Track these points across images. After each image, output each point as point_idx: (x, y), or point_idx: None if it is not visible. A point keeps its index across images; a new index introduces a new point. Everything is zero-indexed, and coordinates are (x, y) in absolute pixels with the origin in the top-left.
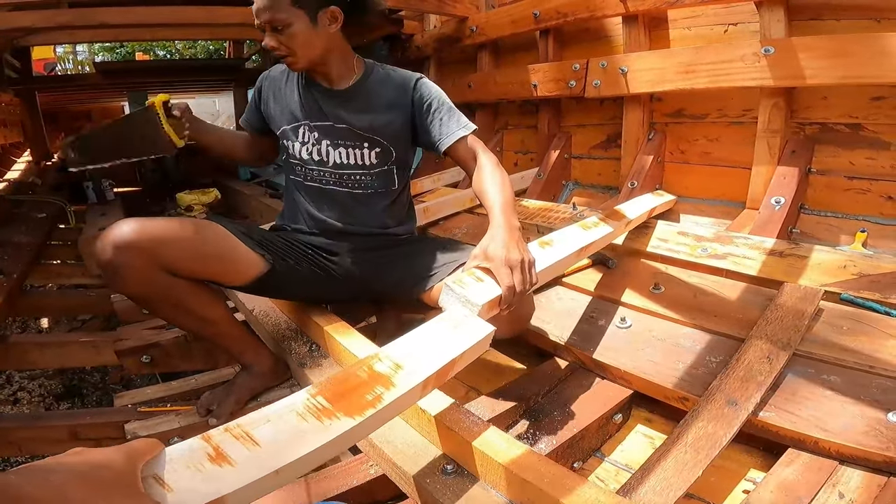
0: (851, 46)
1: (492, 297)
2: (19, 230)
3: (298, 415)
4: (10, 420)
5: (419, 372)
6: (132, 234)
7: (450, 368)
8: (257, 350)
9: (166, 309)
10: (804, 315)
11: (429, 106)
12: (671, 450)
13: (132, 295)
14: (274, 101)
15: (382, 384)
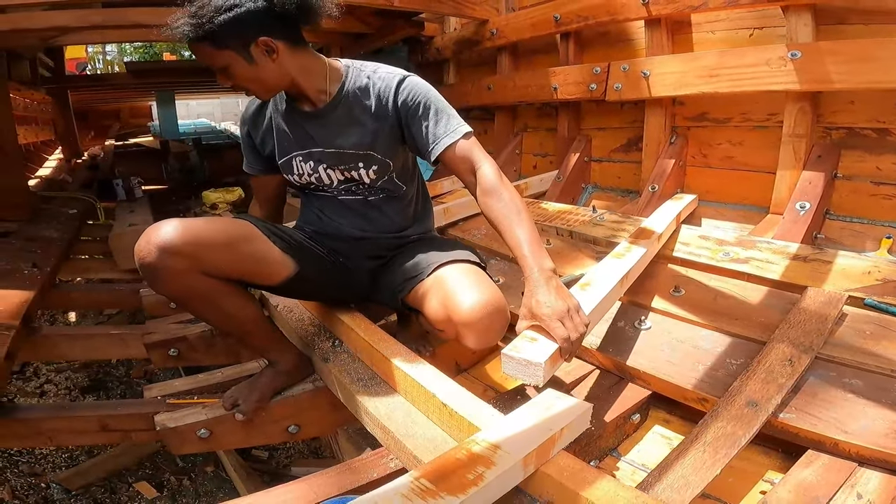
0: (878, 51)
1: (551, 353)
2: (50, 225)
3: (404, 496)
4: (40, 410)
5: (518, 451)
6: (175, 238)
7: (550, 446)
8: (283, 347)
9: (200, 308)
10: (827, 319)
11: (415, 110)
12: (689, 449)
13: (170, 295)
14: (262, 140)
15: (483, 464)
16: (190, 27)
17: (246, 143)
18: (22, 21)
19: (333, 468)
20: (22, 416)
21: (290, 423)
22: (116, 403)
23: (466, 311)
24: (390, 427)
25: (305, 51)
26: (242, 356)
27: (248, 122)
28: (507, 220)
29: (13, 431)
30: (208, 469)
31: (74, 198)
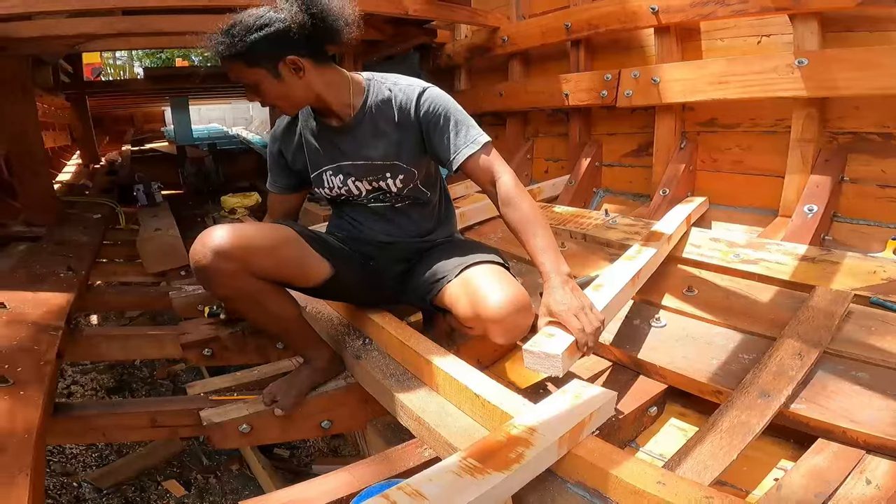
0: (883, 58)
1: (567, 345)
2: (78, 230)
3: (455, 473)
4: (94, 408)
5: (552, 433)
6: (227, 242)
7: (580, 429)
8: (318, 346)
9: (247, 307)
10: (834, 316)
11: (436, 122)
12: (707, 436)
13: (221, 295)
14: (294, 157)
15: (522, 445)
16: (224, 46)
17: (275, 161)
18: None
19: (372, 458)
20: (77, 414)
21: (324, 419)
22: (164, 400)
23: (493, 308)
24: (424, 418)
25: (330, 67)
26: (271, 356)
27: (279, 140)
28: (526, 229)
29: (69, 429)
30: (233, 467)
31: (97, 202)
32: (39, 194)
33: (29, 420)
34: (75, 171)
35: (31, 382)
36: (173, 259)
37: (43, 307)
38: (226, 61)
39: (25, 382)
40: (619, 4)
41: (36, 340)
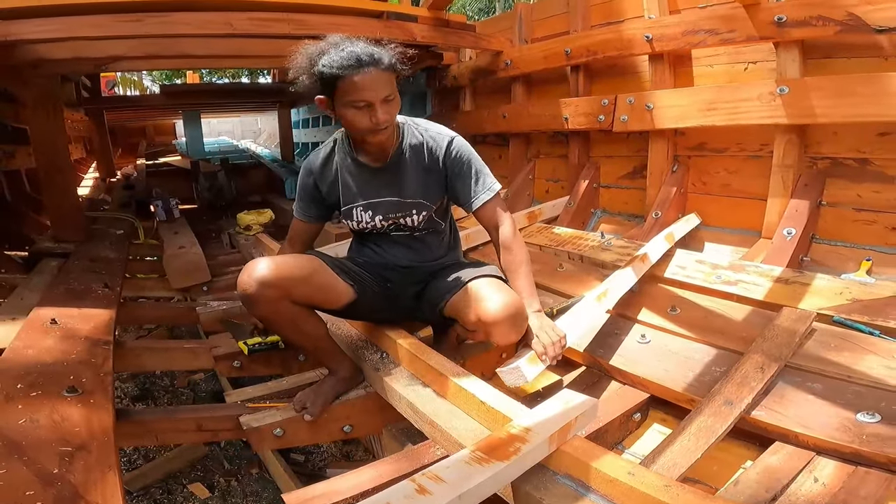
0: (858, 87)
1: (527, 356)
2: (105, 246)
3: (466, 463)
4: (150, 413)
5: (545, 432)
6: (270, 274)
7: (568, 429)
8: (342, 359)
9: (285, 327)
10: (796, 334)
11: (460, 169)
12: (677, 438)
13: (264, 318)
14: (329, 190)
15: (519, 441)
16: (388, 56)
17: (309, 193)
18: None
19: (393, 456)
20: (136, 419)
21: (346, 424)
22: (207, 407)
23: (493, 311)
24: (437, 421)
25: None
26: (293, 368)
27: (316, 173)
28: (514, 269)
29: (130, 432)
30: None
31: (117, 218)
32: (67, 210)
33: (104, 423)
34: (93, 184)
35: (97, 391)
36: (197, 275)
37: (90, 322)
38: (383, 71)
39: (91, 391)
40: (615, 32)
41: (92, 353)
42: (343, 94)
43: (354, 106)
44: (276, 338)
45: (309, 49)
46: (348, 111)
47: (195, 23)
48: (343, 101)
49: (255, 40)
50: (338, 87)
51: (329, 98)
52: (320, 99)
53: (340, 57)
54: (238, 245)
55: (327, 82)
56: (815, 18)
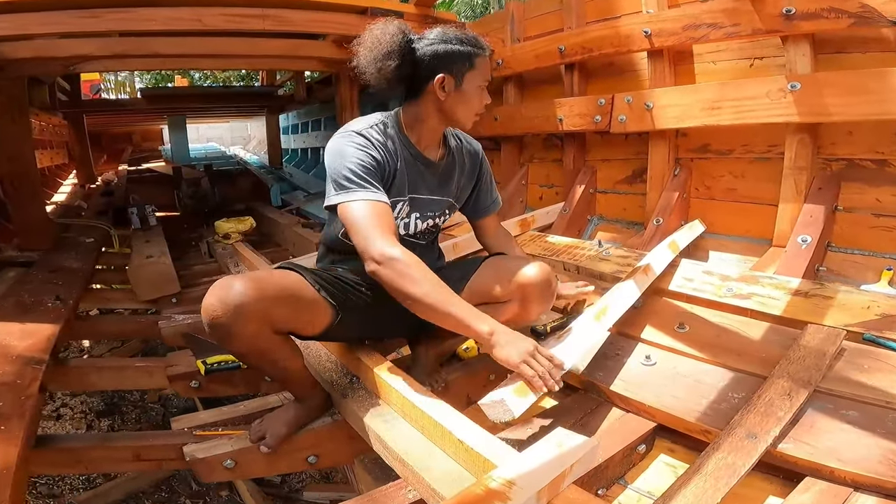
0: (874, 83)
1: (514, 387)
2: (71, 255)
3: None
4: (78, 440)
5: (531, 486)
6: (250, 297)
7: (560, 480)
8: (314, 387)
9: (257, 361)
10: (826, 355)
11: (486, 177)
12: (692, 478)
13: (236, 352)
14: (385, 175)
15: (499, 499)
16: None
17: (373, 170)
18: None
19: (356, 499)
20: (61, 446)
21: (310, 454)
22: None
23: (533, 276)
24: (408, 461)
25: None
26: (260, 387)
27: (380, 151)
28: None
29: (52, 460)
30: (222, 493)
31: (91, 226)
32: (33, 218)
33: (8, 455)
34: (71, 191)
35: (13, 417)
36: (165, 287)
37: (29, 339)
38: (488, 56)
39: (7, 417)
40: (612, 28)
41: (19, 374)
42: (476, 73)
43: (480, 86)
44: None
45: (389, 29)
46: (473, 91)
47: (160, 19)
48: (472, 80)
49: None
50: (475, 65)
51: (453, 77)
52: (441, 78)
53: (468, 36)
54: (216, 254)
55: (460, 58)
56: (826, 10)
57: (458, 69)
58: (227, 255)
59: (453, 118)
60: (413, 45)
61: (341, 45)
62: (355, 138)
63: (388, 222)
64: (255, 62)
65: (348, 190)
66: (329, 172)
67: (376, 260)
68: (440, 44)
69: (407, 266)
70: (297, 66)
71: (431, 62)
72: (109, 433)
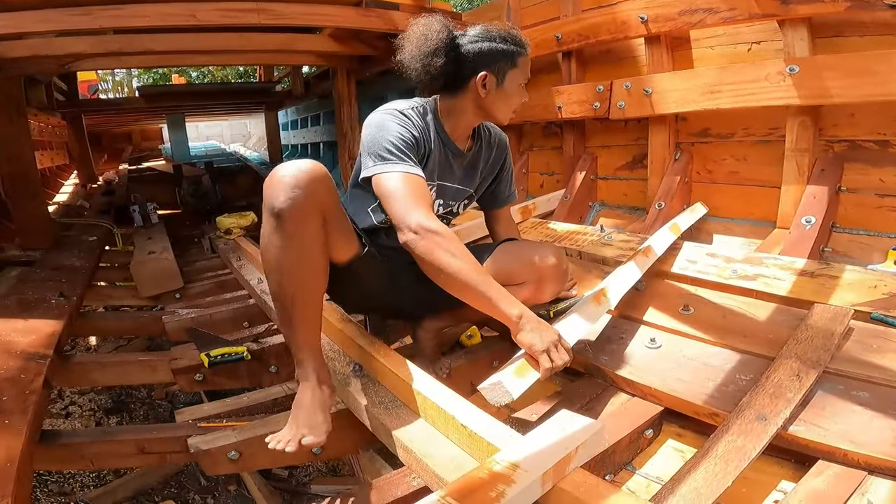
0: (876, 64)
1: (516, 364)
2: (73, 254)
3: None
4: (82, 435)
5: (536, 469)
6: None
7: (566, 463)
8: (321, 359)
9: (299, 261)
10: (834, 335)
11: (508, 166)
12: (701, 462)
13: (290, 232)
14: (425, 153)
15: (503, 482)
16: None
17: (412, 147)
18: (42, 47)
19: (360, 486)
20: (65, 442)
21: None
22: (151, 428)
23: (549, 258)
24: (412, 448)
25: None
26: (263, 381)
27: (419, 130)
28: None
29: (57, 456)
30: (231, 488)
31: (93, 224)
32: (34, 217)
33: (11, 449)
34: (72, 191)
35: (16, 412)
36: (168, 282)
37: (32, 335)
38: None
39: (10, 412)
40: (608, 14)
41: (23, 369)
42: (517, 72)
43: (521, 84)
44: (243, 349)
45: (435, 26)
46: (514, 89)
47: (153, 15)
48: (513, 79)
49: (225, 34)
50: (517, 64)
51: (495, 75)
52: (484, 76)
53: (512, 35)
54: (218, 250)
55: (503, 57)
56: None
57: (500, 67)
58: (230, 250)
59: (491, 114)
60: (457, 41)
61: (338, 38)
62: (397, 115)
63: (426, 195)
64: (251, 58)
65: (387, 161)
66: (367, 145)
67: (413, 229)
68: (484, 42)
69: (445, 239)
70: (293, 60)
71: (475, 59)
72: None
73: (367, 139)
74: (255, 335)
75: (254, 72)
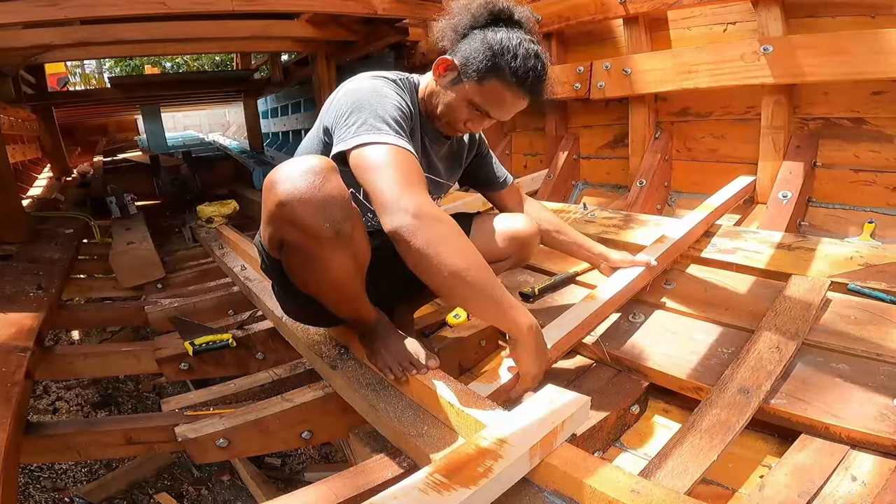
0: (849, 44)
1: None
2: (50, 246)
3: (420, 490)
4: (68, 426)
5: (523, 444)
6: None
7: (552, 438)
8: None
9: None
10: (811, 306)
11: (485, 148)
12: (686, 436)
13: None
14: (410, 133)
15: (491, 457)
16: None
17: (406, 117)
18: (7, 40)
19: (349, 470)
20: (50, 433)
21: (304, 430)
22: (138, 417)
23: (525, 228)
24: (401, 428)
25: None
26: (250, 367)
27: (412, 108)
28: (565, 228)
29: (43, 447)
30: (224, 478)
31: (69, 217)
32: (8, 211)
33: None
34: (46, 184)
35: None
36: (148, 272)
37: (12, 328)
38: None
39: None
40: None
41: (4, 362)
42: (482, 92)
43: (476, 108)
44: (228, 336)
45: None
46: (463, 104)
47: (122, 4)
48: (471, 94)
49: (198, 22)
50: (485, 83)
51: (460, 73)
52: (446, 60)
53: (527, 66)
54: (199, 238)
55: (489, 69)
56: None
57: (473, 71)
58: (212, 239)
59: (427, 106)
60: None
61: (315, 23)
62: (391, 84)
63: (423, 180)
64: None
65: (380, 131)
66: (352, 109)
67: (412, 213)
68: (503, 58)
69: (452, 231)
70: (270, 47)
71: (465, 43)
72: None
73: (354, 101)
74: (239, 322)
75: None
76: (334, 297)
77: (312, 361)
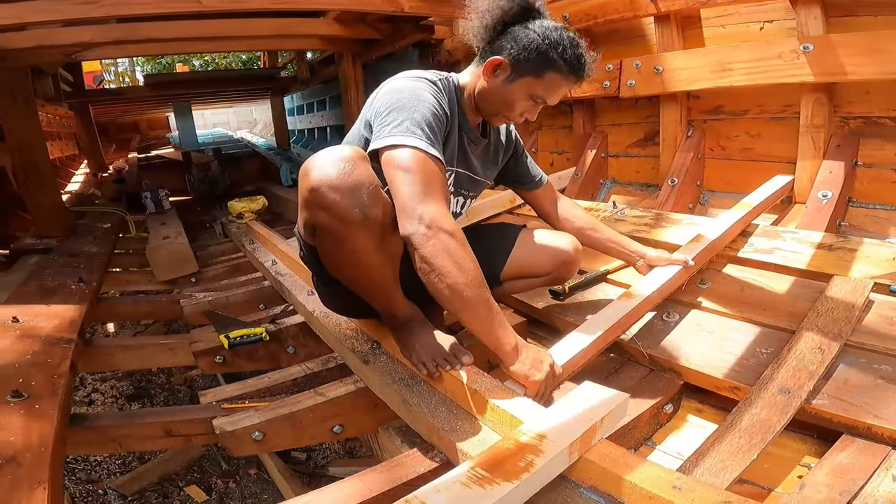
0: (889, 43)
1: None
2: (88, 240)
3: (463, 484)
4: (109, 418)
5: (563, 440)
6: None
7: (592, 434)
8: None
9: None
10: (854, 307)
11: (521, 147)
12: (726, 435)
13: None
14: (447, 136)
15: (531, 452)
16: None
17: (439, 128)
18: (46, 37)
19: (383, 464)
20: (93, 425)
21: (335, 424)
22: (177, 409)
23: (572, 252)
24: (435, 423)
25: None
26: (282, 362)
27: (448, 111)
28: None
29: (87, 439)
30: (251, 472)
31: (106, 212)
32: (48, 206)
33: (44, 433)
34: (84, 180)
35: (45, 396)
36: (183, 266)
37: (55, 320)
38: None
39: (39, 396)
40: None
41: (49, 354)
42: (541, 84)
43: (533, 98)
44: (261, 330)
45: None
46: (522, 95)
47: (156, 2)
48: (530, 88)
49: (227, 20)
50: (544, 76)
51: (512, 69)
52: (496, 60)
53: (576, 55)
54: (230, 234)
55: (540, 62)
56: None
57: (525, 67)
58: (242, 234)
59: (480, 105)
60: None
61: (342, 21)
62: (430, 86)
63: (446, 189)
64: (254, 43)
65: (413, 135)
66: (390, 109)
67: (425, 222)
68: (552, 51)
69: (458, 246)
70: (297, 45)
71: (512, 42)
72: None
73: (390, 104)
74: (271, 316)
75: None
76: (367, 285)
77: (344, 356)
